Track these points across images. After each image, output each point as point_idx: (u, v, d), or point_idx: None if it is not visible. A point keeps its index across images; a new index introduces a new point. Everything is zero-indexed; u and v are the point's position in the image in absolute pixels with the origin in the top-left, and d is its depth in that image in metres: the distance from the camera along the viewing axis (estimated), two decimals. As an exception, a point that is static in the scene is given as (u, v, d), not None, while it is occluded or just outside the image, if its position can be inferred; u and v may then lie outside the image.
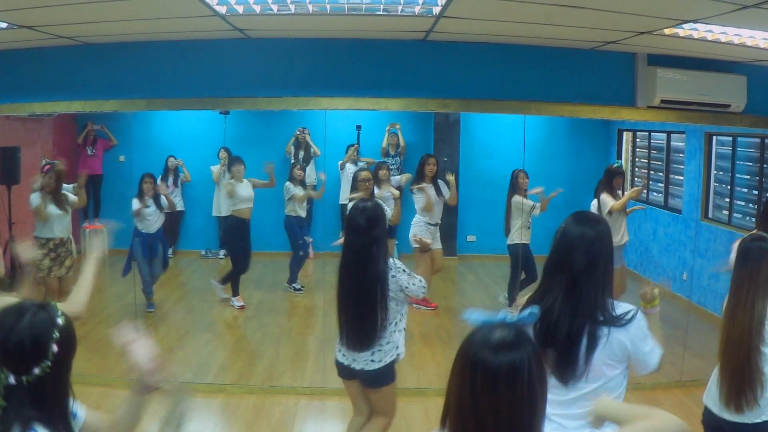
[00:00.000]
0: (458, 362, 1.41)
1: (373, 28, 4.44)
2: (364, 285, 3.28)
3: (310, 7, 3.71)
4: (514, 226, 6.39)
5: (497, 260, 7.31)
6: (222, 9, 3.71)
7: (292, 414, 4.72)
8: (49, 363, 1.57)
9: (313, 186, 7.76)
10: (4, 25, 3.97)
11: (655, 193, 7.61)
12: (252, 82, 4.81)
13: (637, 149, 7.84)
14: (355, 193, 5.78)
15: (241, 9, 3.73)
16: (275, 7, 3.72)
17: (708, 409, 2.88)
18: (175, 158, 7.99)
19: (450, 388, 1.43)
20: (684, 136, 6.96)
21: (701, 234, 6.71)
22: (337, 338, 3.50)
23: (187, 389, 1.93)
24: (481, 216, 8.06)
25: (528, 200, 6.40)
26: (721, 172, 6.71)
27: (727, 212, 6.57)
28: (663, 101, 4.79)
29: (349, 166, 7.58)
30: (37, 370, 1.55)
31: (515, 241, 6.36)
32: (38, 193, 5.47)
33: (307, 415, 4.76)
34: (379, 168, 6.69)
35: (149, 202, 6.45)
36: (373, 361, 3.37)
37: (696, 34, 3.97)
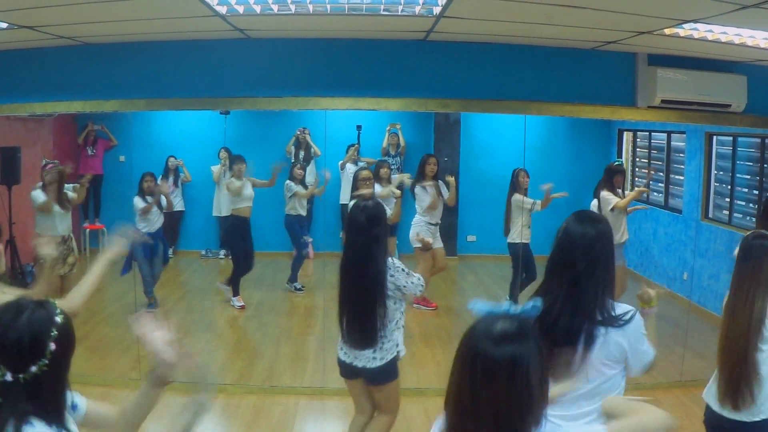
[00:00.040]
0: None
1: (373, 28, 4.44)
2: (363, 284, 3.29)
3: (311, 7, 3.71)
4: (515, 225, 6.38)
5: (497, 260, 7.31)
6: (222, 9, 3.71)
7: (292, 414, 4.72)
8: (46, 361, 1.56)
9: (315, 185, 7.74)
10: (4, 25, 3.97)
11: (655, 193, 7.61)
12: (252, 82, 4.81)
13: (638, 149, 7.84)
14: (363, 190, 5.74)
15: (241, 9, 3.73)
16: (275, 8, 3.72)
17: (709, 407, 2.89)
18: (176, 158, 7.98)
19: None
20: (684, 136, 6.96)
21: (701, 234, 6.71)
22: (339, 337, 3.51)
23: (211, 381, 1.90)
24: (481, 216, 8.05)
25: (528, 198, 6.40)
26: (721, 172, 6.71)
27: (727, 212, 6.57)
28: (663, 101, 4.79)
29: (349, 166, 7.59)
30: (34, 368, 1.55)
31: (515, 240, 6.36)
32: (39, 190, 5.54)
33: (307, 415, 4.76)
34: (380, 166, 6.69)
35: (150, 199, 6.47)
36: (375, 358, 3.38)
37: (696, 34, 3.97)
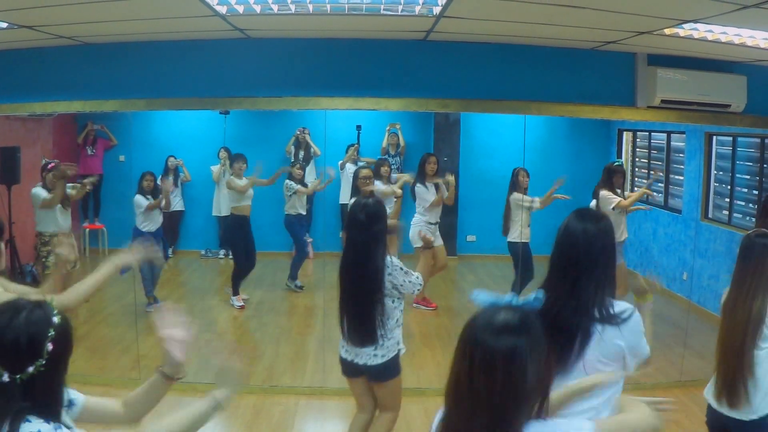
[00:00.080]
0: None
1: (373, 28, 4.44)
2: (362, 282, 3.30)
3: (311, 6, 3.71)
4: (514, 224, 6.38)
5: (497, 260, 7.32)
6: (222, 9, 3.71)
7: (292, 414, 4.72)
8: (43, 362, 1.56)
9: (318, 182, 7.74)
10: (4, 25, 3.96)
11: (655, 193, 7.61)
12: (252, 82, 4.81)
13: (638, 149, 7.84)
14: (363, 188, 5.73)
15: (241, 9, 3.73)
16: (275, 7, 3.72)
17: (710, 406, 2.88)
18: (175, 158, 7.98)
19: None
20: (684, 136, 6.96)
21: (701, 234, 6.71)
22: (340, 336, 3.51)
23: (234, 383, 1.92)
24: (481, 216, 8.05)
25: (527, 196, 6.40)
26: (721, 172, 6.71)
27: (727, 212, 6.57)
28: (663, 101, 4.79)
29: (349, 165, 7.59)
30: (31, 369, 1.54)
31: (515, 239, 6.36)
32: (40, 188, 5.66)
33: (307, 415, 4.76)
34: (381, 165, 6.71)
35: (151, 198, 6.48)
36: (376, 355, 3.39)
37: (696, 34, 3.97)
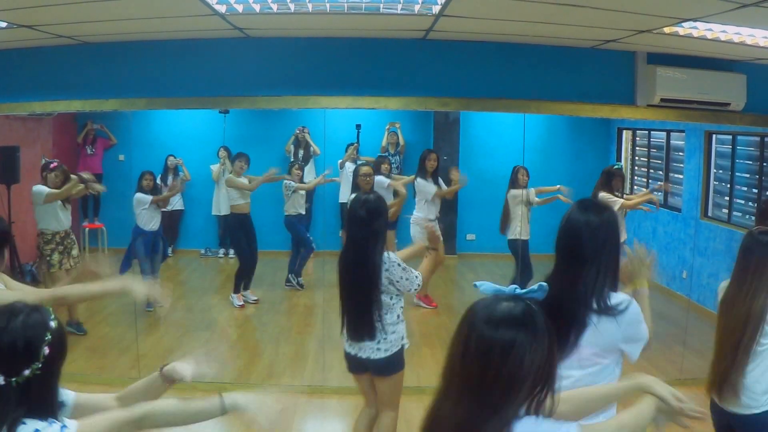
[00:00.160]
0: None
1: (372, 27, 4.43)
2: (360, 277, 3.31)
3: (310, 6, 3.71)
4: (514, 221, 6.38)
5: (497, 259, 7.32)
6: (222, 8, 3.71)
7: (291, 412, 4.72)
8: (39, 365, 1.56)
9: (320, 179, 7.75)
10: (3, 24, 3.96)
11: (657, 183, 7.60)
12: (251, 81, 4.81)
13: (637, 148, 7.84)
14: (363, 186, 5.73)
15: (240, 8, 3.73)
16: (275, 6, 3.71)
17: (713, 400, 2.85)
18: (175, 157, 7.98)
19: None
20: (684, 134, 6.95)
21: (701, 232, 6.71)
22: (344, 331, 3.52)
23: (242, 405, 1.85)
24: (480, 215, 8.04)
25: (525, 190, 6.40)
26: (720, 171, 6.71)
27: (726, 211, 6.57)
28: (663, 100, 4.79)
29: (348, 165, 7.59)
30: (27, 372, 1.55)
31: (515, 236, 6.37)
32: (40, 186, 5.72)
33: (307, 414, 4.76)
34: (381, 162, 6.73)
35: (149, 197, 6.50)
36: (379, 349, 3.39)
37: (696, 33, 3.97)
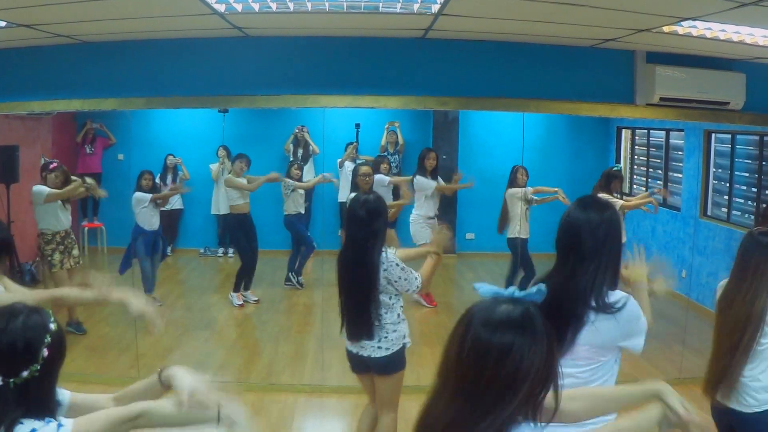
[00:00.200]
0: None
1: (371, 26, 4.43)
2: (358, 276, 3.32)
3: (309, 5, 3.71)
4: (513, 219, 6.39)
5: (496, 258, 7.31)
6: (221, 7, 3.70)
7: (291, 411, 4.73)
8: (38, 367, 1.56)
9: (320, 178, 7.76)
10: (3, 23, 3.96)
11: (655, 188, 7.60)
12: (251, 81, 4.80)
13: (636, 147, 7.84)
14: (362, 186, 5.73)
15: (239, 7, 3.72)
16: (274, 6, 3.71)
17: (712, 401, 2.83)
18: (174, 156, 7.97)
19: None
20: (683, 133, 6.95)
21: (700, 231, 6.71)
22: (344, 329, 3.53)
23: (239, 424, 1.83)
24: (480, 214, 8.04)
25: (523, 189, 6.41)
26: (720, 170, 6.71)
27: (726, 210, 6.58)
28: (662, 99, 4.79)
29: (348, 164, 7.59)
30: (25, 373, 1.55)
31: (515, 235, 6.37)
32: (41, 186, 5.72)
33: (306, 413, 4.76)
34: (380, 162, 6.72)
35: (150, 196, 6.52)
36: (380, 348, 3.40)
37: (695, 32, 3.97)
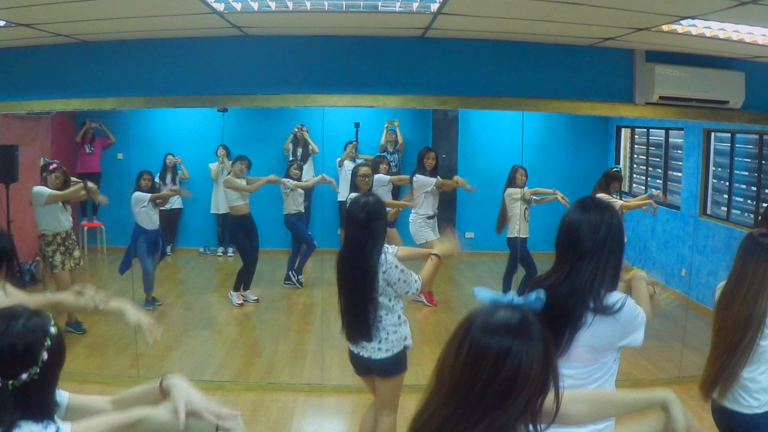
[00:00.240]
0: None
1: (371, 25, 4.43)
2: (357, 278, 3.32)
3: (308, 4, 3.71)
4: (512, 219, 6.39)
5: (495, 257, 7.31)
6: (220, 6, 3.70)
7: (290, 411, 4.73)
8: (37, 369, 1.56)
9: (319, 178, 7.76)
10: (2, 23, 3.96)
11: (653, 190, 7.60)
12: (250, 80, 4.80)
13: (636, 146, 7.84)
14: (362, 187, 5.74)
15: (238, 6, 3.72)
16: (273, 5, 3.71)
17: (713, 402, 2.84)
18: (174, 156, 7.98)
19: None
20: (682, 132, 6.95)
21: (700, 230, 6.71)
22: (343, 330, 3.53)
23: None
24: (479, 213, 8.03)
25: (522, 189, 6.41)
26: (719, 169, 6.71)
27: (725, 208, 6.58)
28: (661, 98, 4.79)
29: (347, 163, 7.60)
30: (24, 376, 1.55)
31: (514, 235, 6.37)
32: (42, 187, 5.71)
33: (306, 412, 4.76)
34: (380, 162, 6.71)
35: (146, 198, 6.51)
36: (380, 349, 3.40)
37: (694, 31, 3.97)
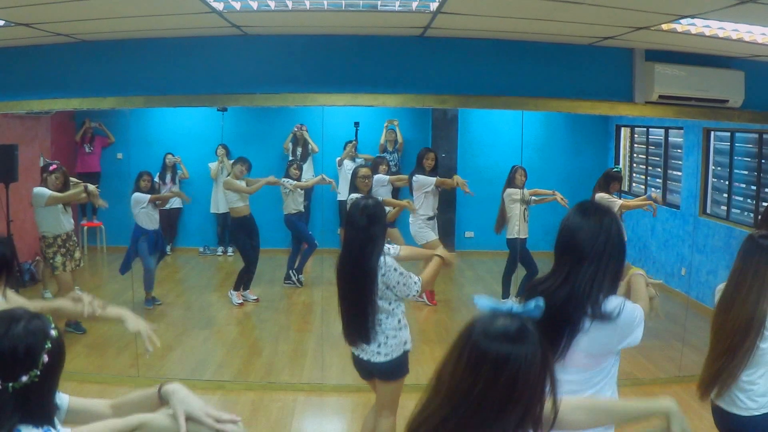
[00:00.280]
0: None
1: (370, 24, 4.43)
2: (356, 281, 3.31)
3: (308, 3, 3.70)
4: (512, 220, 6.39)
5: (495, 256, 7.32)
6: (219, 6, 3.70)
7: (290, 410, 4.73)
8: (38, 372, 1.56)
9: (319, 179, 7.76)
10: (1, 22, 3.95)
11: (653, 189, 7.61)
12: (249, 79, 4.80)
13: (635, 145, 7.84)
14: (361, 187, 5.73)
15: (238, 5, 3.72)
16: (272, 4, 3.71)
17: (713, 403, 2.83)
18: (173, 155, 7.98)
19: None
20: (682, 131, 6.96)
21: (699, 229, 6.72)
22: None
23: None
24: (479, 212, 8.04)
25: (522, 189, 6.41)
26: (719, 168, 6.71)
27: (725, 207, 6.58)
28: (661, 97, 4.79)
29: (347, 162, 7.60)
30: (24, 378, 1.55)
31: (514, 235, 6.38)
32: (42, 188, 5.70)
33: (306, 412, 4.76)
34: (379, 163, 6.71)
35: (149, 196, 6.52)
36: (379, 353, 3.40)
37: (694, 30, 3.97)
